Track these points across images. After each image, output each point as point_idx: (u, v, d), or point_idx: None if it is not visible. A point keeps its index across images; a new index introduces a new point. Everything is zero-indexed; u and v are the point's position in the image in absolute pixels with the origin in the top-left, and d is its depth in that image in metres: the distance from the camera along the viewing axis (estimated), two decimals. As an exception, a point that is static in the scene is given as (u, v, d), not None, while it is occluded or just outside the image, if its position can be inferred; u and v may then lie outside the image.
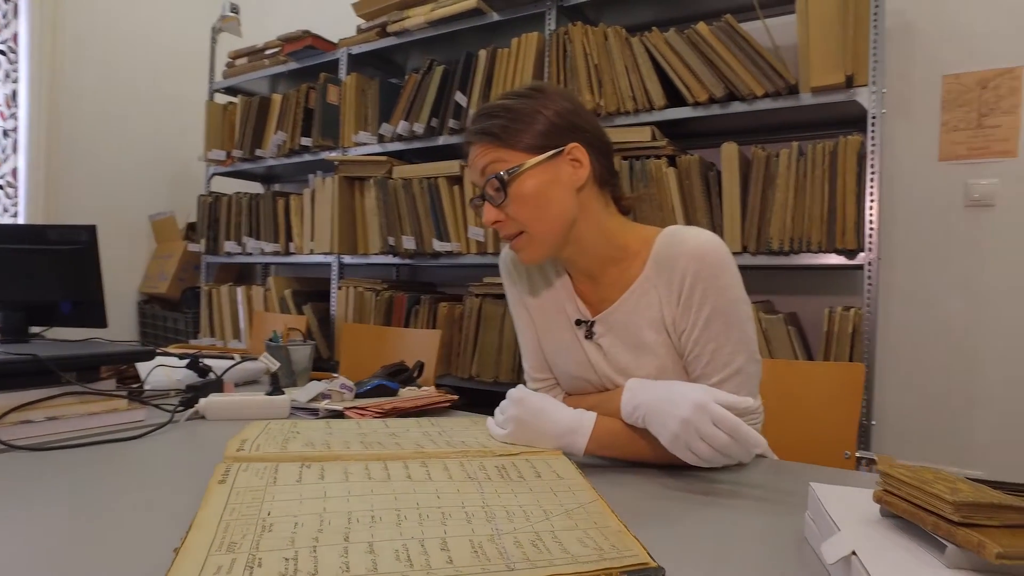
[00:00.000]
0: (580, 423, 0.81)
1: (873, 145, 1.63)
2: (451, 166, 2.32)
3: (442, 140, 2.37)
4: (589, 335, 0.93)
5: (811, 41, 1.68)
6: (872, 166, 1.63)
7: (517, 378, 2.19)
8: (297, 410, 1.08)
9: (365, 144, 2.55)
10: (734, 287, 0.84)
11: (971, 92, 1.93)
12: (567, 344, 0.95)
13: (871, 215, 1.62)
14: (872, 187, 1.62)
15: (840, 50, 1.64)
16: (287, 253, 2.75)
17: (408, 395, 1.20)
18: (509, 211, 0.86)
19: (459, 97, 2.29)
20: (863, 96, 1.64)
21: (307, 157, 2.70)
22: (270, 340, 1.30)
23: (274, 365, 1.08)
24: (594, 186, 0.89)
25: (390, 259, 2.49)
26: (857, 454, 1.18)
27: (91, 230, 1.43)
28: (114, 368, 1.25)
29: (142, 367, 1.25)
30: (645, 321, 0.88)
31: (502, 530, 0.57)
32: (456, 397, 1.23)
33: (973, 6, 1.91)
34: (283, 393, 1.08)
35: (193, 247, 3.06)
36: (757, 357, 0.84)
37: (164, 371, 1.24)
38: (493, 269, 2.39)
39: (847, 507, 0.55)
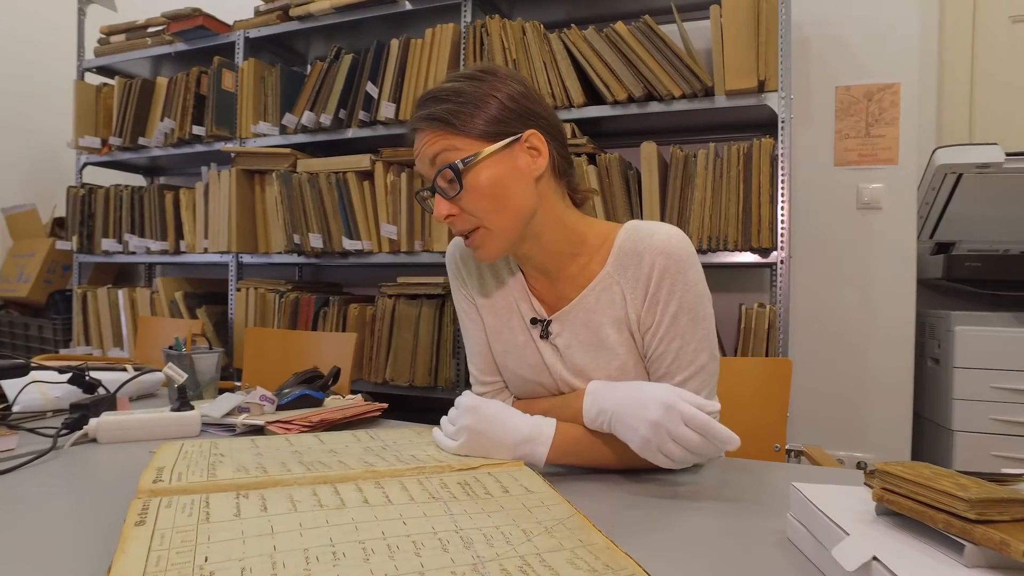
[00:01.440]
0: (539, 431, 0.77)
1: (783, 148, 1.71)
2: (361, 160, 2.20)
3: (351, 133, 2.25)
4: (545, 335, 0.88)
5: (725, 46, 1.73)
6: (783, 168, 1.70)
7: (434, 382, 2.11)
8: (209, 427, 0.96)
9: (266, 135, 2.37)
10: (700, 282, 0.82)
11: (859, 103, 2.08)
12: (520, 345, 0.90)
13: (782, 215, 1.69)
14: (783, 188, 1.69)
15: (752, 56, 1.70)
16: (177, 252, 2.50)
17: (334, 404, 1.10)
18: (464, 204, 0.79)
19: (370, 88, 2.18)
20: (773, 101, 1.72)
21: (199, 148, 2.46)
22: (171, 348, 1.15)
23: (181, 377, 0.95)
24: (552, 176, 0.84)
25: (294, 258, 2.33)
26: (787, 446, 1.21)
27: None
28: (-29, 386, 1.05)
29: (9, 385, 1.06)
30: (606, 319, 0.84)
31: (484, 557, 0.51)
32: (386, 405, 1.15)
33: (859, 26, 2.06)
34: (192, 408, 0.94)
35: (62, 245, 2.70)
36: (717, 354, 0.83)
37: (38, 388, 1.06)
38: (407, 269, 2.31)
39: (840, 507, 0.53)
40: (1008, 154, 1.92)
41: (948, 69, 2.32)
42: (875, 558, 0.43)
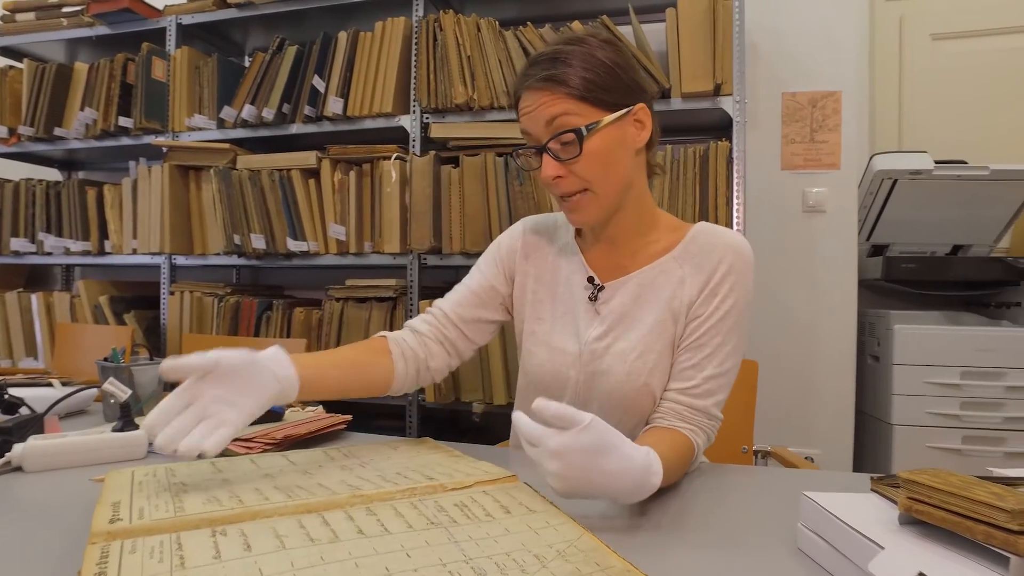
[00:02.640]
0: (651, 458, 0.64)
1: (738, 151, 1.73)
2: (306, 157, 2.10)
3: (296, 128, 2.14)
4: (594, 298, 0.89)
5: (681, 49, 1.74)
6: (738, 171, 1.72)
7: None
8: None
9: (202, 129, 2.22)
10: (753, 291, 0.86)
11: (804, 109, 2.15)
12: (561, 312, 0.91)
13: (738, 217, 1.72)
14: (738, 191, 1.72)
15: (708, 59, 1.72)
16: (101, 253, 2.31)
17: (295, 418, 1.03)
18: (577, 168, 0.80)
19: (316, 82, 2.08)
20: (728, 104, 1.74)
21: (126, 141, 2.28)
22: (106, 359, 1.04)
23: (124, 393, 0.85)
24: (645, 151, 0.87)
25: (231, 260, 2.20)
26: (754, 448, 1.22)
27: None
28: None
29: (-87, 404, 0.93)
30: (657, 297, 0.85)
31: (502, 590, 0.46)
32: (350, 417, 1.08)
33: (804, 34, 2.13)
34: (137, 427, 0.85)
35: (-37, 245, 2.45)
36: (738, 368, 0.85)
37: (-51, 408, 0.93)
38: (355, 271, 2.21)
39: (860, 518, 0.52)
40: (936, 162, 2.02)
41: (879, 80, 2.44)
42: (922, 574, 0.42)
